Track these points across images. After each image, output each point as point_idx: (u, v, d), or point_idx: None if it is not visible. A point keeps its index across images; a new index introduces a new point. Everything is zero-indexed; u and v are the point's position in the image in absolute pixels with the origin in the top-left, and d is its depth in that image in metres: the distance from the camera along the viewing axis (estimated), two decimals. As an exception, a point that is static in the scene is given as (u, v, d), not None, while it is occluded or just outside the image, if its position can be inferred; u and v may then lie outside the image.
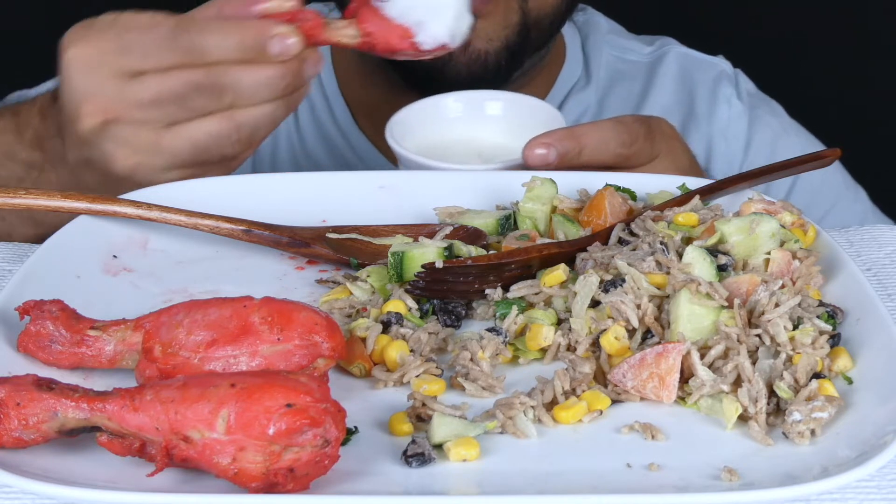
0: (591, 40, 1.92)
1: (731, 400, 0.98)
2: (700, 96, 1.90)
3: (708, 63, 1.94)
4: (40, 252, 1.16)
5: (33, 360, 1.02)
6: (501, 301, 1.11)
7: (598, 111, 1.87)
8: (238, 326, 0.99)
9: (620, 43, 1.95)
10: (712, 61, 1.95)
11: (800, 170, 1.31)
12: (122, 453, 0.91)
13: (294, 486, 0.88)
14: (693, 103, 1.89)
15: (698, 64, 1.94)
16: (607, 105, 1.88)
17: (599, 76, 1.89)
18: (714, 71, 1.93)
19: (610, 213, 1.20)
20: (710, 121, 1.88)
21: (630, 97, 1.90)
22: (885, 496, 0.92)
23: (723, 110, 1.89)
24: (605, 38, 1.93)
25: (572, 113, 1.85)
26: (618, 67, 1.92)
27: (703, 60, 1.95)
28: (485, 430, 0.96)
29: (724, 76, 1.92)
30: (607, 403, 1.00)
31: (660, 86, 1.91)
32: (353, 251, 1.22)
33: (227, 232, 1.22)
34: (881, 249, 1.25)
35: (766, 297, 1.04)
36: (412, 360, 1.04)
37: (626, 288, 1.06)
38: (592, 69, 1.90)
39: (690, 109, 1.89)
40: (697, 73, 1.93)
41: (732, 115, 1.89)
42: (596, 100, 1.88)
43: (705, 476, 0.92)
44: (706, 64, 1.94)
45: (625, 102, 1.89)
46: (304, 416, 0.87)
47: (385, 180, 1.32)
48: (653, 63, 1.94)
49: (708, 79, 1.92)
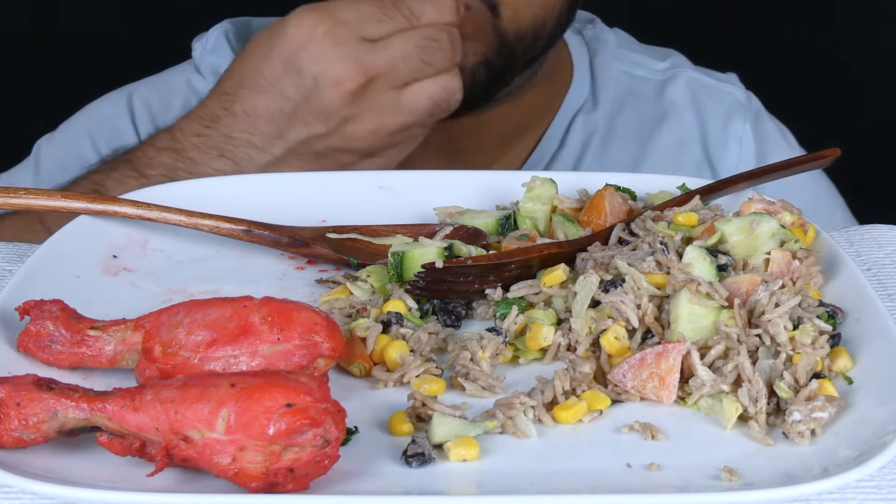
0: (600, 57, 1.87)
1: (731, 400, 0.98)
2: (711, 131, 1.86)
3: (720, 91, 1.89)
4: (40, 252, 1.16)
5: (33, 360, 1.02)
6: (501, 301, 1.11)
7: (606, 134, 1.83)
8: (238, 326, 0.99)
9: (630, 57, 1.90)
10: (724, 89, 1.89)
11: (800, 170, 1.31)
12: (122, 453, 0.91)
13: (294, 486, 0.88)
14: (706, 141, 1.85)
15: (710, 92, 1.89)
16: (616, 128, 1.84)
17: (608, 97, 1.85)
18: (726, 101, 1.88)
19: (610, 213, 1.20)
20: (721, 159, 1.84)
21: (641, 122, 1.86)
22: (885, 496, 0.92)
23: (733, 150, 1.85)
24: (614, 54, 1.89)
25: (579, 136, 1.82)
26: (627, 84, 1.87)
27: (715, 88, 1.89)
28: (485, 430, 0.96)
29: (737, 107, 1.87)
30: (607, 403, 1.00)
31: (674, 116, 1.86)
32: (353, 251, 1.22)
33: (227, 232, 1.22)
34: (881, 249, 1.25)
35: (766, 297, 1.04)
36: (412, 360, 1.04)
37: (626, 288, 1.06)
38: (600, 90, 1.85)
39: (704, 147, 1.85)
40: (709, 104, 1.88)
41: (743, 154, 1.84)
42: (604, 122, 1.84)
43: (705, 476, 0.92)
44: (718, 92, 1.89)
45: (635, 127, 1.85)
46: (304, 416, 0.87)
47: (385, 180, 1.32)
48: (663, 83, 1.89)
49: (719, 112, 1.87)
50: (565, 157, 1.81)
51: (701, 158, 1.84)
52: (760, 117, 1.90)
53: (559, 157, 1.81)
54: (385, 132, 1.45)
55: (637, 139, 1.84)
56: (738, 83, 1.92)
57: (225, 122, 1.48)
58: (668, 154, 1.83)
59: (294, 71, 1.43)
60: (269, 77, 1.45)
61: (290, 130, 1.45)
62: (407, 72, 1.43)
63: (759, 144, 1.86)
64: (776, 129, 1.91)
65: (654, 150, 1.83)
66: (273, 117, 1.45)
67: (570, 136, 1.81)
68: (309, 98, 1.43)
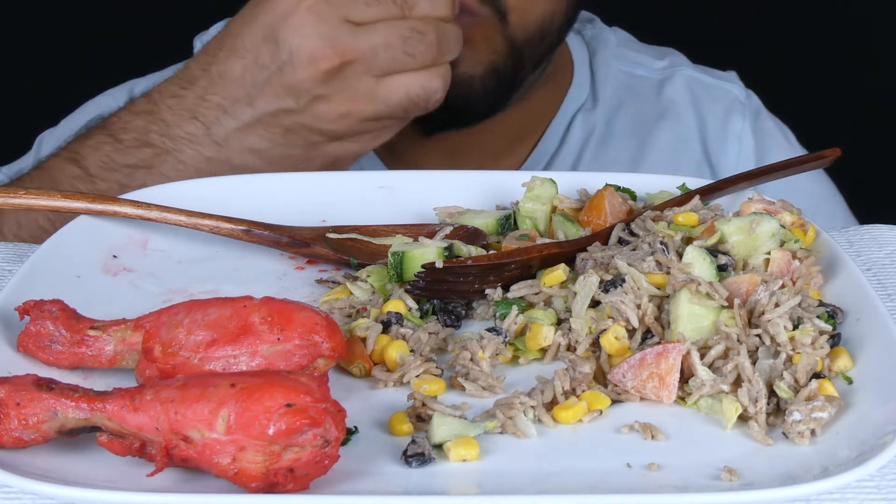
0: (599, 56, 1.88)
1: (731, 400, 0.98)
2: (710, 129, 1.86)
3: (719, 89, 1.89)
4: (40, 252, 1.15)
5: (33, 360, 1.02)
6: (501, 301, 1.11)
7: (606, 132, 1.83)
8: (238, 326, 0.99)
9: (629, 56, 1.90)
10: (723, 87, 1.89)
11: (800, 170, 1.31)
12: (122, 453, 0.91)
13: (294, 486, 0.88)
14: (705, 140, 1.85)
15: (709, 91, 1.88)
16: (615, 126, 1.84)
17: (607, 95, 1.85)
18: (725, 100, 1.88)
19: (610, 213, 1.20)
20: (721, 157, 1.84)
21: (640, 121, 1.86)
22: (885, 496, 0.92)
23: (732, 148, 1.85)
24: (614, 53, 1.89)
25: (578, 135, 1.82)
26: (626, 83, 1.87)
27: (714, 86, 1.89)
28: (485, 430, 0.96)
29: (736, 105, 1.87)
30: (607, 403, 1.00)
31: (673, 114, 1.86)
32: (353, 251, 1.22)
33: (227, 232, 1.22)
34: (881, 249, 1.25)
35: (766, 297, 1.04)
36: (412, 360, 1.04)
37: (626, 288, 1.06)
38: (599, 88, 1.85)
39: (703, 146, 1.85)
40: (708, 103, 1.88)
41: (742, 152, 1.84)
42: (603, 121, 1.84)
43: (705, 476, 0.92)
44: (717, 90, 1.89)
45: (634, 126, 1.85)
46: (304, 416, 0.87)
47: (385, 180, 1.32)
48: (662, 82, 1.89)
49: (718, 110, 1.87)
50: (565, 156, 1.81)
51: (700, 157, 1.84)
52: (760, 115, 1.90)
53: (558, 155, 1.81)
54: (355, 118, 1.42)
55: (636, 138, 1.84)
56: (737, 81, 1.92)
57: (201, 84, 1.46)
58: (667, 152, 1.83)
59: (272, 41, 1.41)
60: (247, 42, 1.43)
61: (260, 99, 1.43)
62: (387, 61, 1.39)
63: (758, 142, 1.86)
64: (776, 128, 1.91)
65: (653, 148, 1.83)
66: (245, 83, 1.43)
67: (570, 136, 1.81)
68: (282, 70, 1.41)
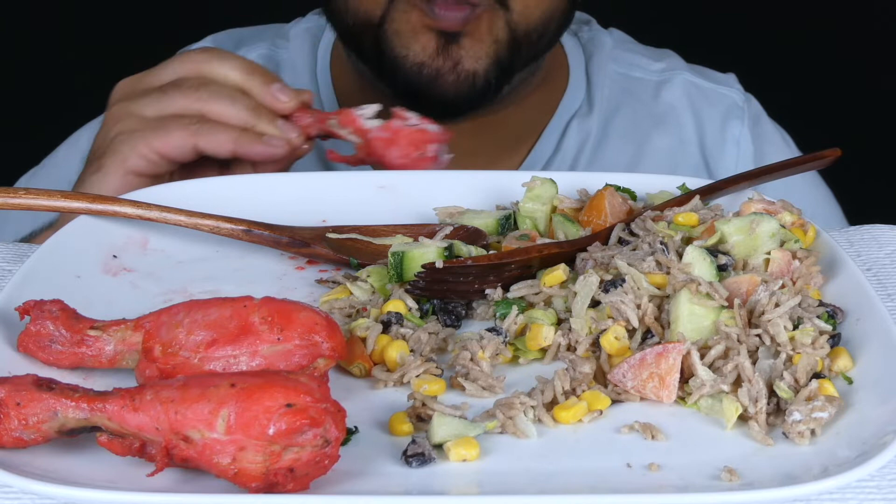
0: (595, 60, 1.87)
1: (731, 400, 0.98)
2: (708, 134, 1.85)
3: (716, 94, 1.88)
4: (40, 252, 1.15)
5: (33, 360, 1.02)
6: (501, 301, 1.11)
7: (601, 136, 1.82)
8: (238, 326, 0.99)
9: (626, 58, 1.89)
10: (721, 91, 1.88)
11: (800, 169, 1.31)
12: (122, 453, 0.91)
13: (294, 486, 0.88)
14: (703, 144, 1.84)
15: (706, 95, 1.87)
16: (611, 130, 1.83)
17: (603, 100, 1.84)
18: (723, 104, 1.87)
19: (610, 213, 1.20)
20: (719, 161, 1.83)
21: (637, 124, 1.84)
22: (885, 496, 0.92)
23: (731, 152, 1.84)
24: (610, 55, 1.87)
25: (574, 140, 1.81)
26: (623, 86, 1.86)
27: (712, 91, 1.88)
28: (485, 430, 0.96)
29: (734, 110, 1.86)
30: (607, 403, 1.00)
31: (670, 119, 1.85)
32: (353, 251, 1.22)
33: (227, 232, 1.22)
34: (881, 249, 1.25)
35: (766, 297, 1.04)
36: (412, 360, 1.04)
37: (626, 288, 1.06)
38: (595, 93, 1.84)
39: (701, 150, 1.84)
40: (706, 107, 1.86)
41: (741, 156, 1.83)
42: (599, 126, 1.83)
43: (705, 476, 0.92)
44: (715, 95, 1.88)
45: (630, 129, 1.84)
46: (304, 416, 0.87)
47: (385, 180, 1.32)
48: (659, 84, 1.88)
49: (717, 114, 1.86)
50: (560, 161, 1.80)
51: (698, 161, 1.84)
52: (759, 120, 1.89)
53: (554, 161, 1.80)
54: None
55: (633, 142, 1.83)
56: (736, 84, 1.91)
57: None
58: (664, 156, 1.83)
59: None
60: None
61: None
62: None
63: (757, 147, 1.85)
64: (775, 132, 1.90)
65: (650, 152, 1.83)
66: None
67: (565, 141, 1.80)
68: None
